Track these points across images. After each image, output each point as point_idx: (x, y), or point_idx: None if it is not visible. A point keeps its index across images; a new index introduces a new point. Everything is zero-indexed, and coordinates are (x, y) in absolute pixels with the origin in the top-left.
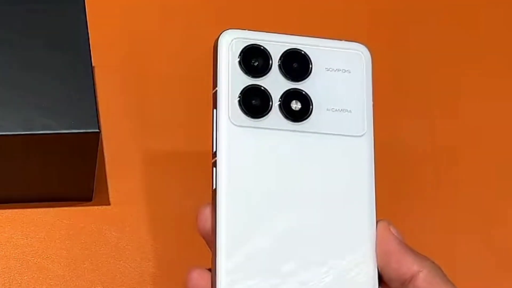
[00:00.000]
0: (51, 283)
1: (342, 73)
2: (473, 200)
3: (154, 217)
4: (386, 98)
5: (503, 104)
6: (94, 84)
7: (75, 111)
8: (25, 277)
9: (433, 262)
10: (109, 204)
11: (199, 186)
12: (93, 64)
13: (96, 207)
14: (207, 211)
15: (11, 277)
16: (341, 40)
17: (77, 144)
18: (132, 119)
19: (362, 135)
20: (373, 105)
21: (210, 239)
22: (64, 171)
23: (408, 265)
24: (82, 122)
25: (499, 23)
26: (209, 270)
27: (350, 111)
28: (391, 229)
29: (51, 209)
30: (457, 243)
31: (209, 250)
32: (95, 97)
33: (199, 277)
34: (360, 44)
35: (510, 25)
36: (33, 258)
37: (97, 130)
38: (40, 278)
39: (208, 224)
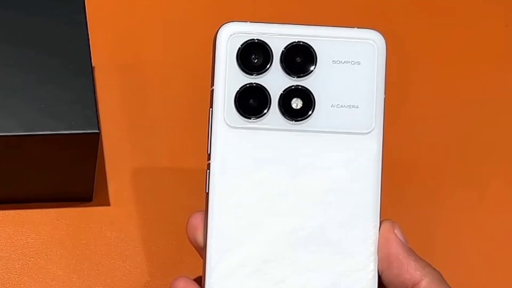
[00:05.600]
0: (51, 283)
1: (351, 65)
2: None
3: (154, 217)
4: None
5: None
6: (94, 84)
7: (75, 111)
8: (25, 277)
9: (435, 270)
10: (109, 204)
11: (199, 186)
12: (93, 64)
13: (96, 207)
14: (195, 220)
15: (11, 278)
16: (352, 27)
17: (77, 144)
18: (132, 119)
19: (369, 132)
20: (385, 99)
21: (200, 248)
22: (64, 171)
23: (410, 271)
24: (82, 122)
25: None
26: (196, 280)
27: (357, 107)
28: (395, 231)
29: (51, 209)
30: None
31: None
32: (95, 97)
33: (184, 286)
34: (373, 31)
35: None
36: (33, 258)
37: (97, 131)
38: (40, 278)
39: (196, 233)
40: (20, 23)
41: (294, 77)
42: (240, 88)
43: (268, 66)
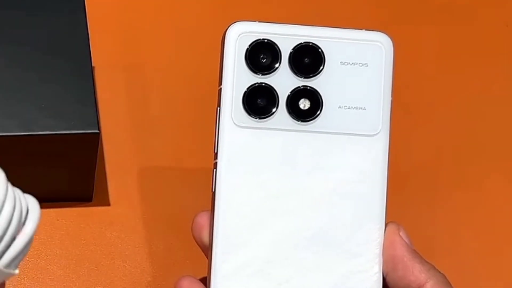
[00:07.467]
0: (51, 283)
1: (358, 67)
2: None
3: (154, 217)
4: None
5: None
6: (94, 84)
7: (75, 111)
8: (25, 277)
9: (440, 272)
10: (109, 204)
11: (200, 187)
12: (93, 64)
13: (96, 207)
14: (201, 219)
15: (11, 278)
16: (360, 29)
17: (77, 144)
18: (132, 119)
19: (375, 134)
20: (392, 101)
21: (205, 247)
22: (64, 171)
23: (415, 273)
24: (82, 122)
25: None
26: (201, 280)
27: (364, 109)
28: (401, 233)
29: (51, 209)
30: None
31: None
32: (95, 97)
33: (189, 285)
34: (381, 34)
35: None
36: (33, 258)
37: (97, 131)
38: (40, 278)
39: (202, 232)
40: (20, 23)
41: (302, 78)
42: (248, 88)
43: (276, 66)
